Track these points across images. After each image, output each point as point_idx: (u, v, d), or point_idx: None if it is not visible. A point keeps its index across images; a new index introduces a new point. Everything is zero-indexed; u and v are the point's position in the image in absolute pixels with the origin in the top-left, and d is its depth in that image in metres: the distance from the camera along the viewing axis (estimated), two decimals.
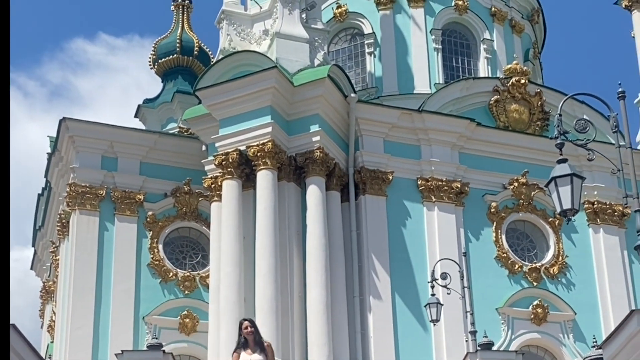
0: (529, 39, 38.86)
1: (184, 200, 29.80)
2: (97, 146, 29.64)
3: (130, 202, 29.39)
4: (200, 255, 29.82)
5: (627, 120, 17.34)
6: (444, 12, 35.56)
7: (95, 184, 29.24)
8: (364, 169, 28.37)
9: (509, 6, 37.44)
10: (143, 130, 33.09)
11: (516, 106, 31.05)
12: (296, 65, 28.56)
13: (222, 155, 27.52)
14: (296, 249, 26.80)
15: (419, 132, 29.42)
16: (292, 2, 29.65)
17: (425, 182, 29.00)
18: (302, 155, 27.48)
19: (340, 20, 35.89)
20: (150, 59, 39.35)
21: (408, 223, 28.60)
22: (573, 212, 15.19)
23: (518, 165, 30.23)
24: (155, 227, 29.45)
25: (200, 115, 28.79)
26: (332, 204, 27.67)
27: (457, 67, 35.21)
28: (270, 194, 26.68)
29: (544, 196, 29.33)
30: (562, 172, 15.27)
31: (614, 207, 30.56)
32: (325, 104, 28.07)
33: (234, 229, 26.64)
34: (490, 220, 29.62)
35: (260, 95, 27.57)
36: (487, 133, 30.31)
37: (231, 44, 29.89)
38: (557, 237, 30.13)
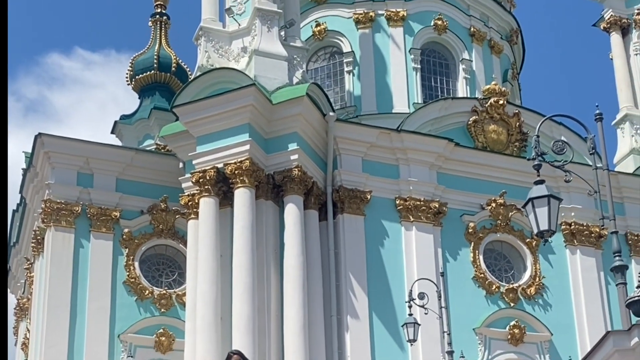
0: (508, 59, 39.39)
1: (160, 217, 29.99)
2: (73, 162, 29.78)
3: (106, 219, 29.54)
4: (177, 273, 30.03)
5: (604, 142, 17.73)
6: (423, 32, 36.08)
7: (71, 200, 29.36)
8: (342, 188, 28.71)
9: (487, 26, 37.96)
10: (119, 147, 33.30)
11: (494, 127, 31.49)
12: (274, 83, 28.83)
13: (199, 172, 27.74)
14: (273, 267, 27.06)
15: (397, 151, 29.78)
16: (271, 20, 29.94)
17: (403, 201, 29.36)
18: (280, 174, 27.75)
19: (319, 38, 36.31)
20: (127, 74, 39.55)
21: (386, 242, 28.95)
22: (550, 233, 15.53)
23: (496, 186, 30.64)
24: (131, 245, 29.61)
25: (178, 132, 28.97)
26: (310, 222, 27.96)
27: (435, 87, 35.72)
28: (247, 212, 26.92)
29: (521, 217, 29.69)
30: (540, 193, 15.62)
31: (591, 229, 31.02)
32: (304, 123, 28.37)
33: (211, 247, 26.87)
34: (468, 241, 30.02)
35: (238, 112, 27.83)
36: (465, 153, 30.72)
37: (209, 61, 30.06)
38: (535, 258, 30.56)
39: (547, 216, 15.50)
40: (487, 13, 38.28)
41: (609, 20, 36.85)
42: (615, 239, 16.68)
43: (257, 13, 29.83)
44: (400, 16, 36.02)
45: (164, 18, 40.60)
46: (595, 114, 17.94)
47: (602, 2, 37.37)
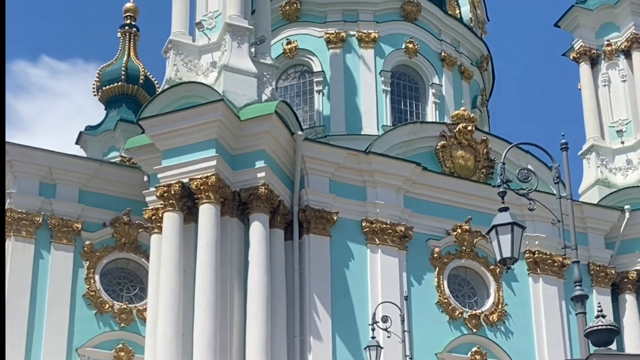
0: (478, 85, 40.13)
1: (123, 230, 30.10)
2: (36, 172, 29.78)
3: (68, 230, 29.59)
4: (138, 287, 30.14)
5: (569, 172, 18.31)
6: (394, 54, 36.76)
7: (32, 210, 29.38)
8: (308, 208, 29.15)
9: (458, 52, 38.69)
10: (84, 158, 33.44)
11: (462, 152, 32.13)
12: (243, 100, 29.12)
13: (164, 186, 27.97)
14: (237, 285, 27.39)
15: (365, 173, 30.29)
16: (242, 36, 30.22)
17: (369, 224, 29.88)
18: (247, 191, 28.06)
19: (289, 56, 36.83)
20: (94, 85, 39.75)
21: (351, 264, 29.45)
22: (512, 260, 16.08)
23: (462, 212, 31.28)
24: (92, 257, 29.69)
25: (143, 145, 29.17)
26: (276, 241, 28.33)
27: (405, 110, 36.36)
28: (212, 228, 27.21)
29: (486, 244, 30.31)
30: (503, 220, 16.16)
31: (554, 258, 31.77)
32: (272, 140, 28.71)
33: (174, 262, 27.14)
34: (433, 266, 30.60)
35: (206, 127, 28.09)
36: (432, 178, 31.30)
37: (178, 75, 30.21)
38: (498, 285, 31.20)
39: (510, 244, 16.05)
40: (458, 38, 39.07)
41: (579, 51, 37.61)
42: (577, 269, 17.25)
43: (227, 28, 30.14)
44: (372, 38, 36.68)
45: (133, 30, 40.91)
46: (561, 144, 18.52)
47: (573, 32, 38.15)
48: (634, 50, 36.98)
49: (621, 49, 37.28)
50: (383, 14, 37.46)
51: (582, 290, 16.90)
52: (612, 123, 36.63)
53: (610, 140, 36.41)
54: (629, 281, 33.23)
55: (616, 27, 37.78)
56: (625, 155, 35.94)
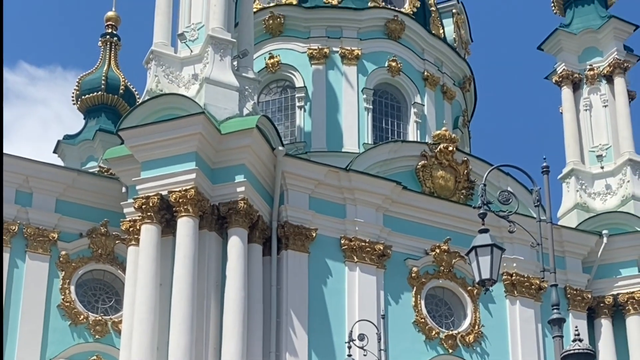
0: (460, 106, 40.50)
1: (99, 241, 30.11)
2: (12, 180, 29.63)
3: (44, 240, 29.56)
4: (114, 299, 30.16)
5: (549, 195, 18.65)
6: (377, 72, 37.10)
7: (8, 218, 29.24)
8: (287, 223, 29.33)
9: (441, 72, 39.06)
10: (61, 167, 33.36)
11: (442, 173, 32.39)
12: (224, 113, 29.23)
13: (142, 198, 28.04)
14: (214, 299, 27.49)
15: (345, 191, 30.52)
16: (224, 49, 30.32)
17: (348, 241, 30.12)
18: (226, 205, 28.17)
19: (272, 71, 37.06)
20: (73, 94, 39.79)
21: (329, 282, 29.64)
22: (491, 282, 16.42)
23: (441, 232, 31.54)
24: (68, 268, 29.67)
25: (122, 155, 29.20)
26: (254, 257, 28.45)
27: (386, 129, 36.67)
28: (190, 242, 27.32)
29: (464, 264, 30.61)
30: (483, 242, 16.49)
31: (532, 280, 32.09)
32: (252, 155, 28.84)
33: (150, 275, 27.22)
34: (411, 285, 30.83)
35: (186, 140, 28.18)
36: (412, 197, 31.56)
37: (158, 86, 30.21)
38: (475, 306, 31.47)
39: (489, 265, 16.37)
40: (442, 58, 39.45)
41: (561, 74, 38.03)
42: (555, 292, 17.57)
43: (210, 41, 30.27)
44: (355, 55, 37.01)
45: (114, 39, 41.01)
46: (542, 167, 18.83)
47: (556, 56, 38.59)
48: (616, 76, 37.47)
49: (603, 73, 37.76)
50: (367, 31, 37.79)
51: (559, 314, 17.22)
52: (592, 147, 37.04)
53: (590, 165, 36.81)
54: (605, 306, 33.62)
55: (599, 52, 38.26)
56: (605, 180, 36.35)
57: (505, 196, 17.69)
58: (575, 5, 39.41)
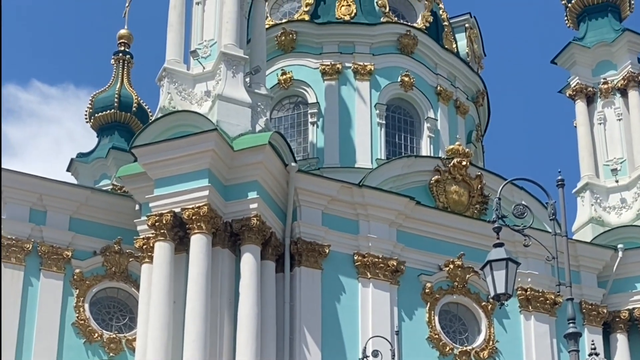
0: (473, 120, 40.44)
1: (113, 259, 30.14)
2: (26, 198, 29.81)
3: (58, 258, 29.63)
4: (128, 317, 30.17)
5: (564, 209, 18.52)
6: (390, 87, 37.08)
7: (22, 237, 29.40)
8: (300, 240, 29.31)
9: (454, 86, 39.02)
10: (75, 185, 33.52)
11: (456, 188, 32.32)
12: (237, 130, 29.27)
13: (155, 216, 28.08)
14: (227, 317, 27.47)
15: (358, 206, 30.47)
16: (237, 65, 30.39)
17: (361, 257, 30.04)
18: (239, 222, 28.17)
19: (284, 87, 37.10)
20: (86, 112, 39.93)
21: (342, 298, 29.55)
22: (506, 296, 16.30)
23: (455, 247, 31.45)
24: (82, 286, 29.72)
25: (135, 173, 29.26)
26: (267, 273, 28.44)
27: (399, 144, 36.64)
28: (203, 259, 27.33)
29: (478, 280, 30.55)
30: (498, 256, 16.41)
31: (547, 295, 31.93)
32: (265, 171, 28.86)
33: (164, 292, 27.24)
34: (424, 301, 30.72)
35: (199, 157, 28.22)
36: (425, 213, 31.49)
37: (171, 103, 30.29)
38: (489, 322, 31.33)
39: (504, 279, 16.25)
40: (455, 73, 39.42)
41: (575, 88, 37.90)
42: (571, 306, 17.47)
43: (222, 57, 30.34)
44: (368, 70, 37.02)
45: (127, 57, 41.12)
46: (557, 180, 18.72)
47: (569, 69, 38.49)
48: (630, 89, 37.34)
49: (617, 87, 37.63)
50: (379, 46, 37.80)
51: (575, 328, 17.11)
52: (607, 161, 36.89)
53: (604, 179, 36.67)
54: (621, 320, 33.43)
55: (613, 65, 38.12)
56: (620, 194, 36.19)
57: (520, 210, 17.63)
58: (589, 19, 39.31)
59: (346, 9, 38.21)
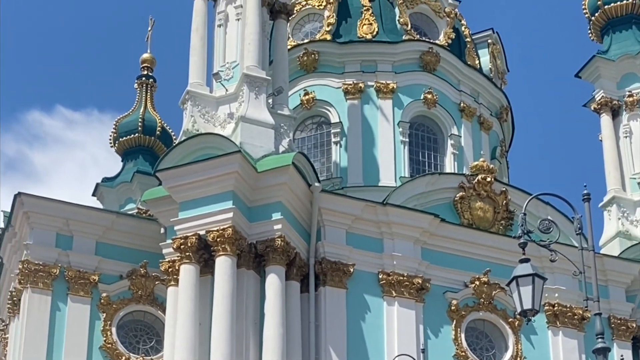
0: (497, 136, 40.21)
1: (139, 283, 30.18)
2: (53, 223, 29.98)
3: (85, 282, 29.74)
4: (155, 340, 30.15)
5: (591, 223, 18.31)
6: (413, 105, 36.89)
7: (49, 262, 29.54)
8: (325, 260, 29.18)
9: (478, 102, 38.81)
10: (100, 210, 33.72)
11: (481, 204, 32.11)
12: (260, 151, 29.29)
13: (180, 238, 28.11)
14: (253, 338, 27.39)
15: (382, 225, 30.31)
16: (259, 87, 30.41)
17: (386, 276, 29.85)
18: (263, 243, 28.16)
19: (307, 107, 37.02)
20: (111, 136, 40.09)
21: (367, 317, 29.37)
22: (533, 312, 16.06)
23: (480, 264, 31.21)
24: (109, 309, 29.78)
25: (160, 197, 29.31)
26: (292, 294, 28.34)
27: (423, 161, 36.45)
28: (228, 281, 27.30)
29: (504, 296, 30.25)
30: (524, 271, 16.21)
31: (574, 310, 31.60)
32: (289, 192, 28.83)
33: (189, 314, 27.20)
34: (450, 318, 30.48)
35: (223, 179, 28.24)
36: (450, 230, 31.30)
37: (195, 126, 30.39)
38: (516, 338, 31.04)
39: (530, 295, 16.02)
40: (478, 89, 39.22)
41: (600, 101, 37.62)
42: (599, 321, 17.25)
43: (245, 79, 30.39)
44: (390, 88, 36.87)
45: (150, 80, 41.22)
46: (583, 195, 18.54)
47: (594, 83, 38.22)
48: None
49: None
50: (402, 64, 37.67)
51: (604, 343, 16.87)
52: (633, 175, 36.63)
53: (631, 192, 36.40)
54: None
55: (638, 78, 37.94)
56: None
57: (546, 225, 17.52)
58: (612, 32, 39.09)
59: (368, 28, 38.12)
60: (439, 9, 39.43)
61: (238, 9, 32.14)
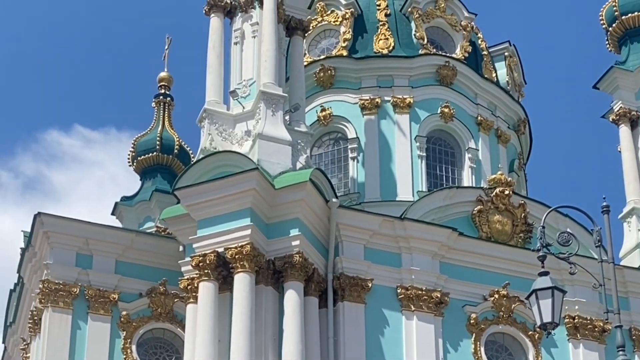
0: (515, 149, 39.99)
1: (159, 300, 30.20)
2: (72, 243, 30.09)
3: (105, 301, 29.80)
4: (174, 357, 30.13)
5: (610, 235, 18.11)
6: (430, 119, 36.75)
7: (69, 281, 29.63)
8: (343, 275, 29.01)
9: (495, 115, 38.62)
10: (119, 229, 33.78)
11: (499, 217, 31.88)
12: (278, 168, 29.25)
13: (199, 256, 28.08)
14: (272, 354, 27.27)
15: (400, 239, 30.14)
16: (276, 104, 30.37)
17: (405, 290, 29.66)
18: (281, 259, 28.09)
19: (324, 123, 36.93)
20: (129, 156, 40.11)
21: (386, 331, 29.18)
22: (553, 325, 15.86)
23: (499, 277, 30.96)
24: (129, 327, 29.80)
25: (179, 215, 29.32)
26: (310, 309, 28.21)
27: (440, 175, 36.29)
28: (247, 297, 27.22)
29: (524, 309, 30.03)
30: (544, 285, 16.03)
31: (595, 323, 31.28)
32: (306, 208, 28.75)
33: (209, 331, 27.11)
34: (470, 332, 30.24)
35: (241, 196, 28.19)
36: (469, 243, 31.08)
37: (212, 144, 30.37)
38: (537, 351, 30.76)
39: (550, 308, 15.84)
40: (495, 102, 39.02)
41: (618, 112, 37.29)
42: (620, 333, 17.05)
43: (262, 96, 30.38)
44: (407, 103, 36.74)
45: (167, 99, 41.23)
46: (602, 207, 18.37)
47: (612, 94, 37.92)
48: None
49: None
50: (418, 78, 37.55)
51: (625, 355, 16.68)
52: None
53: None
54: None
55: None
56: None
57: (565, 238, 17.41)
58: (630, 42, 38.85)
59: (384, 43, 38.03)
60: (455, 23, 39.31)
61: (254, 26, 32.21)
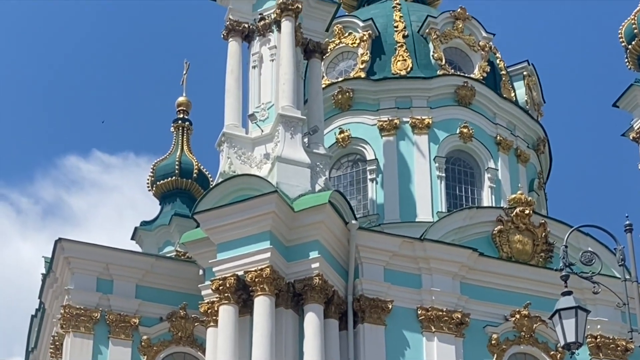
0: (534, 168, 39.70)
1: (179, 324, 30.04)
2: (93, 268, 30.07)
3: (125, 325, 29.71)
4: None
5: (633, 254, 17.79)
6: (449, 140, 36.52)
7: (90, 306, 29.59)
8: (363, 297, 28.78)
9: (514, 135, 38.34)
10: (139, 253, 33.68)
11: (520, 237, 31.58)
12: (297, 191, 29.11)
13: (219, 280, 27.97)
14: None
15: (420, 261, 29.89)
16: (295, 126, 30.28)
17: (425, 311, 29.39)
18: (301, 282, 27.93)
19: (342, 145, 36.76)
20: (148, 180, 40.05)
21: (407, 353, 28.91)
22: (577, 345, 15.51)
23: (520, 297, 30.63)
24: (150, 352, 29.68)
25: (198, 239, 29.26)
26: (330, 332, 27.99)
27: (460, 196, 36.02)
28: (267, 320, 27.04)
29: (546, 329, 29.74)
30: (567, 304, 15.72)
31: (618, 342, 30.87)
32: (326, 230, 28.60)
33: (229, 355, 26.95)
34: (491, 352, 29.93)
35: (260, 220, 28.08)
36: (489, 263, 30.81)
37: (231, 167, 30.31)
38: None
39: (574, 328, 15.53)
40: (514, 121, 38.78)
41: (639, 131, 36.91)
42: None
43: (280, 119, 30.29)
44: (426, 124, 36.54)
45: (186, 123, 41.15)
46: (625, 225, 18.08)
47: (632, 112, 37.60)
48: None
49: None
50: (437, 99, 37.36)
51: None
52: None
53: None
54: None
55: None
56: None
57: (588, 257, 17.15)
58: None
59: (402, 64, 37.84)
60: (473, 43, 39.07)
61: (272, 49, 32.13)
